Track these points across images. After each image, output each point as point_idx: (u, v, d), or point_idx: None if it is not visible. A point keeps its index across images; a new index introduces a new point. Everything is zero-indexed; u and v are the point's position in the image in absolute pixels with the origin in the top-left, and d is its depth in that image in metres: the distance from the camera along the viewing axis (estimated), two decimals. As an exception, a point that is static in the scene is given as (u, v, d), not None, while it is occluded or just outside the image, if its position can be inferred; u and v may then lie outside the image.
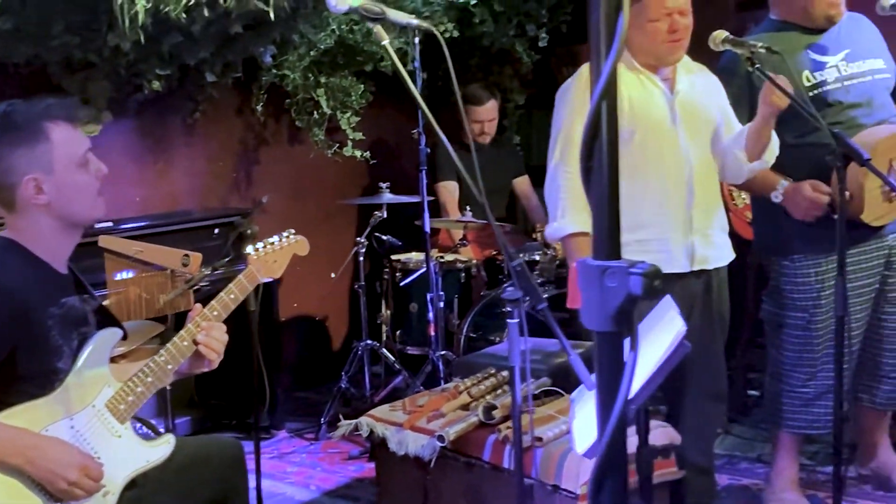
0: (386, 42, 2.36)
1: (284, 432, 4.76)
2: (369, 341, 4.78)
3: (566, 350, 2.51)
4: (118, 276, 3.21)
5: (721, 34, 2.95)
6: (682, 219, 3.12)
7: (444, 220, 5.00)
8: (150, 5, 3.37)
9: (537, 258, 4.65)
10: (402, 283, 4.80)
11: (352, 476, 4.18)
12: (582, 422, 2.39)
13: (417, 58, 4.61)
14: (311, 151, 5.18)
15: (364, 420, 3.35)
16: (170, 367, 2.49)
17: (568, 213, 3.11)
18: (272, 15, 3.59)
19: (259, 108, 4.95)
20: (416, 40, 4.66)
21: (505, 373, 3.37)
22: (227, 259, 3.01)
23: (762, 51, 2.84)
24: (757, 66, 2.83)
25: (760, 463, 3.92)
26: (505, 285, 4.50)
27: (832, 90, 3.26)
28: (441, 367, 4.49)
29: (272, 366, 4.79)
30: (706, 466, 3.35)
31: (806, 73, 3.28)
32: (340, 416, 3.67)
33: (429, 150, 4.35)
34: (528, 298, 2.45)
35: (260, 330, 4.77)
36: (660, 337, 2.31)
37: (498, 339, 4.52)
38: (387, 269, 4.96)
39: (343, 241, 5.42)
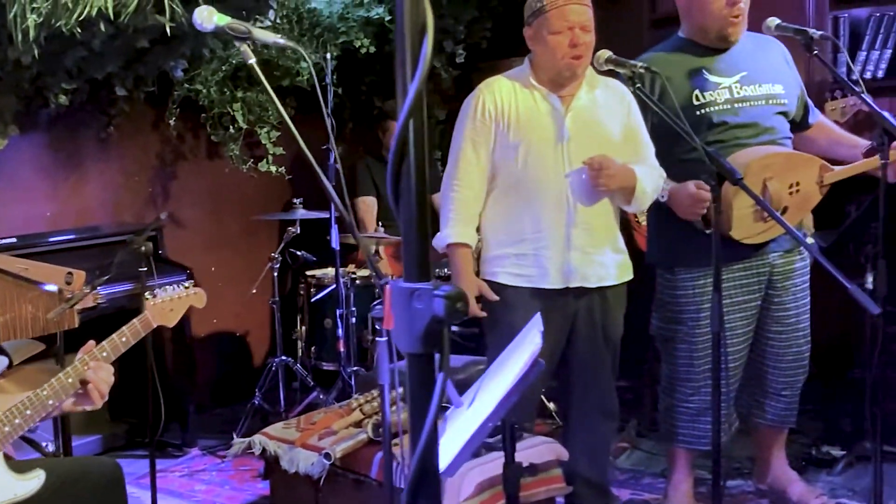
0: (252, 61, 2.36)
1: (197, 450, 4.71)
2: (284, 357, 4.76)
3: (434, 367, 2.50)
4: (47, 287, 3.17)
5: (604, 53, 2.97)
6: (559, 236, 3.14)
7: (343, 234, 4.96)
8: (41, 19, 3.33)
9: (452, 273, 4.66)
10: (312, 299, 4.79)
11: (259, 493, 4.14)
12: (447, 440, 2.40)
13: (330, 73, 4.63)
14: (228, 166, 5.16)
15: (257, 438, 3.33)
16: (51, 402, 2.45)
17: (451, 224, 3.20)
18: (168, 29, 3.56)
19: (172, 122, 4.91)
20: (329, 56, 4.68)
21: (401, 389, 3.37)
22: (105, 277, 2.97)
23: (642, 70, 2.87)
24: (637, 85, 2.85)
25: (664, 478, 3.92)
26: (374, 304, 4.51)
27: (719, 111, 3.29)
28: (353, 383, 4.49)
29: (186, 383, 4.77)
30: (599, 482, 3.36)
31: (696, 92, 3.31)
32: (234, 435, 3.65)
33: (337, 167, 4.35)
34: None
35: (172, 347, 4.79)
36: (520, 355, 2.31)
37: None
38: (302, 285, 4.95)
39: (263, 257, 5.38)
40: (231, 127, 5.03)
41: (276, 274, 4.76)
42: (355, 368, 4.56)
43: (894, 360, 4.06)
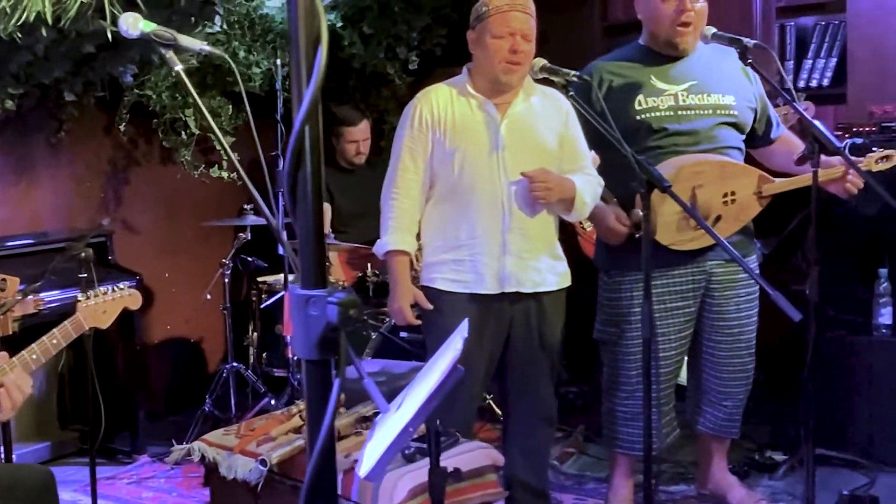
0: (179, 68, 2.37)
1: (146, 457, 4.69)
2: (236, 363, 4.76)
3: (360, 373, 2.52)
4: None
5: (539, 62, 2.99)
6: (495, 242, 3.18)
7: (295, 241, 4.95)
8: (-21, 25, 3.32)
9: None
10: (263, 305, 4.78)
11: (205, 500, 4.11)
12: (372, 445, 2.41)
13: (280, 79, 4.63)
14: (181, 172, 5.14)
15: (196, 445, 3.31)
16: None
17: (390, 231, 3.23)
18: (109, 34, 3.54)
19: (122, 127, 4.89)
20: (278, 62, 4.68)
21: (341, 395, 3.38)
22: (37, 284, 2.96)
23: (574, 79, 2.89)
24: (571, 93, 2.87)
25: (608, 483, 3.95)
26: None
27: (660, 117, 3.32)
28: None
29: (135, 389, 4.75)
30: (538, 487, 3.39)
31: (640, 97, 3.34)
32: (174, 442, 3.64)
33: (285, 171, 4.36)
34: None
35: (122, 353, 4.76)
36: (442, 361, 2.32)
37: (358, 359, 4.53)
38: (254, 291, 4.94)
39: (217, 263, 5.37)
40: (183, 132, 5.01)
41: (226, 280, 4.76)
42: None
43: (836, 365, 4.11)
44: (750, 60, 3.02)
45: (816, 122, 2.93)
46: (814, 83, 4.73)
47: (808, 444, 3.04)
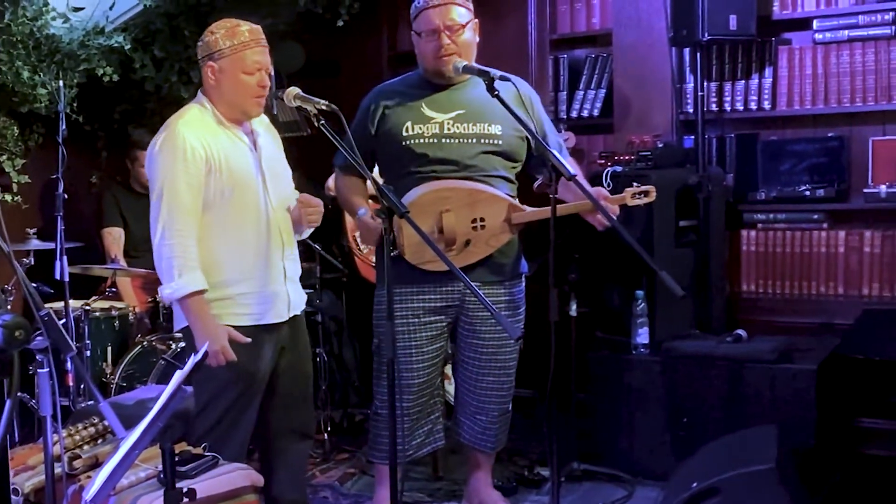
0: None
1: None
2: (20, 393, 4.64)
3: (95, 396, 2.55)
4: None
5: (293, 91, 3.07)
6: (278, 270, 3.28)
7: (86, 266, 4.88)
8: None
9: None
10: (43, 332, 4.69)
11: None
12: (107, 469, 2.44)
13: (63, 100, 4.56)
14: (-37, 195, 5.01)
15: (-51, 476, 3.24)
16: None
17: (185, 271, 3.10)
18: None
19: None
20: (61, 83, 4.62)
21: (107, 422, 3.36)
22: None
23: (324, 107, 2.98)
24: (322, 122, 2.96)
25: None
26: (34, 335, 4.46)
27: (423, 144, 3.46)
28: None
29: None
30: (301, 500, 3.48)
31: (408, 123, 3.48)
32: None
33: (66, 197, 4.32)
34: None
35: None
36: (170, 385, 2.38)
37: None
38: (38, 318, 4.84)
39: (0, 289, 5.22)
40: (-35, 155, 4.88)
41: (9, 306, 4.64)
42: (90, 402, 4.48)
43: (602, 384, 4.33)
44: (497, 93, 3.17)
45: (554, 151, 3.12)
46: (585, 113, 4.98)
47: (553, 461, 3.25)
